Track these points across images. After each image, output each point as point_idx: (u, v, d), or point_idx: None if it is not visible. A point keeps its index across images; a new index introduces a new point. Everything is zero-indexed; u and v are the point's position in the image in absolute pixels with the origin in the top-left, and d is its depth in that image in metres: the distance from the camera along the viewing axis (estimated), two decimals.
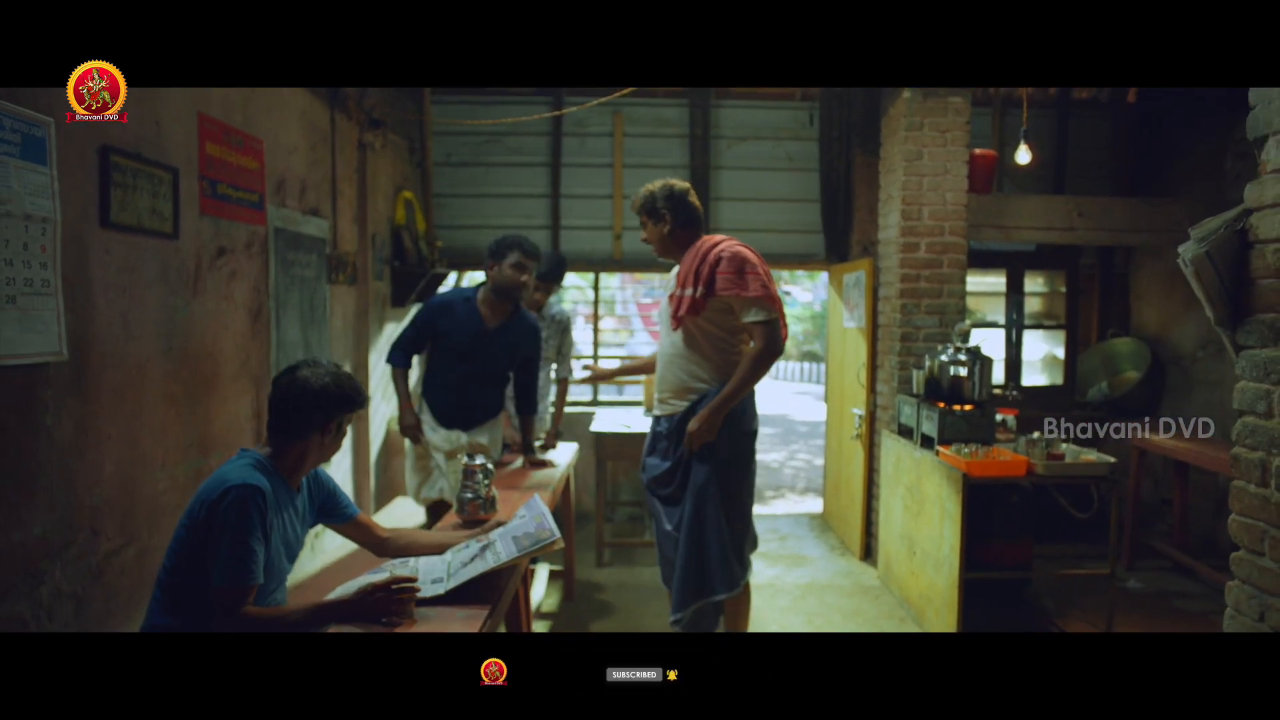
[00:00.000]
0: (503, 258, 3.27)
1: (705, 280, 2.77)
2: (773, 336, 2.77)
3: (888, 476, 4.49)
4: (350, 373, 2.04)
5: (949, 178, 4.51)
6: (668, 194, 2.92)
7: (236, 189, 3.10)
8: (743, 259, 2.78)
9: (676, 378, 2.91)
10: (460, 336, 3.31)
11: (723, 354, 2.86)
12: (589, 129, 5.89)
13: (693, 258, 2.85)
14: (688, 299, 2.81)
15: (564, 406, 4.41)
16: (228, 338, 3.06)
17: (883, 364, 4.83)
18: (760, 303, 2.76)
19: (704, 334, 2.84)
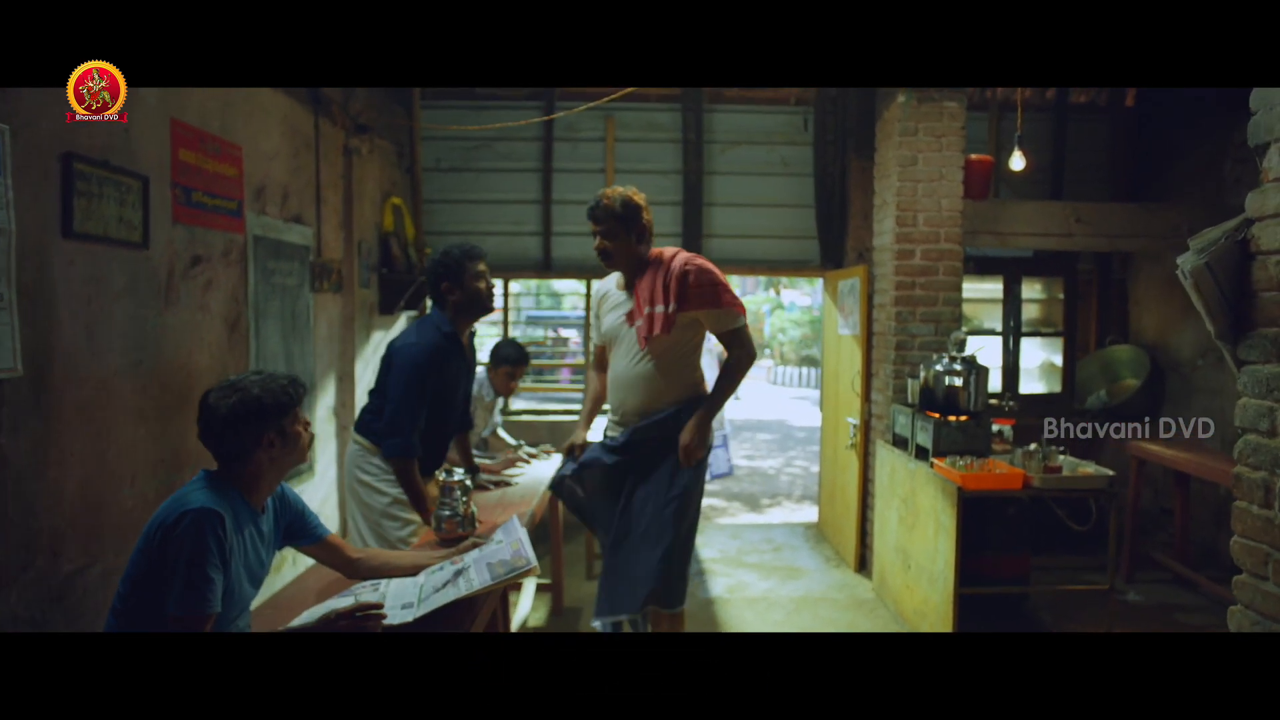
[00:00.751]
0: (461, 275, 2.86)
1: (676, 295, 2.71)
2: (748, 342, 2.84)
3: (882, 487, 4.41)
4: (274, 373, 1.93)
5: (944, 183, 4.44)
6: (636, 208, 2.79)
7: (213, 196, 3.02)
8: (710, 272, 2.78)
9: (640, 400, 2.82)
10: (455, 382, 2.94)
11: (688, 370, 2.85)
12: (580, 134, 5.82)
13: (655, 274, 2.77)
14: (660, 316, 2.72)
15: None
16: (203, 349, 2.99)
17: (877, 372, 4.76)
18: (732, 312, 2.79)
19: (672, 351, 2.78)
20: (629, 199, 2.79)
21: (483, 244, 5.62)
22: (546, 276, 5.97)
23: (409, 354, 2.72)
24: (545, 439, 5.72)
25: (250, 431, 1.86)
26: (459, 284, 2.84)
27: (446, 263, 2.86)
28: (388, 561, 2.18)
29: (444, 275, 2.85)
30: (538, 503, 3.22)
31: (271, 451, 1.89)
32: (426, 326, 2.82)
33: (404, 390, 2.69)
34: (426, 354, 2.73)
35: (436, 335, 2.80)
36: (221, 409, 1.85)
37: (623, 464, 2.83)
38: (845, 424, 5.18)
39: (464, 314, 2.89)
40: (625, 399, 2.86)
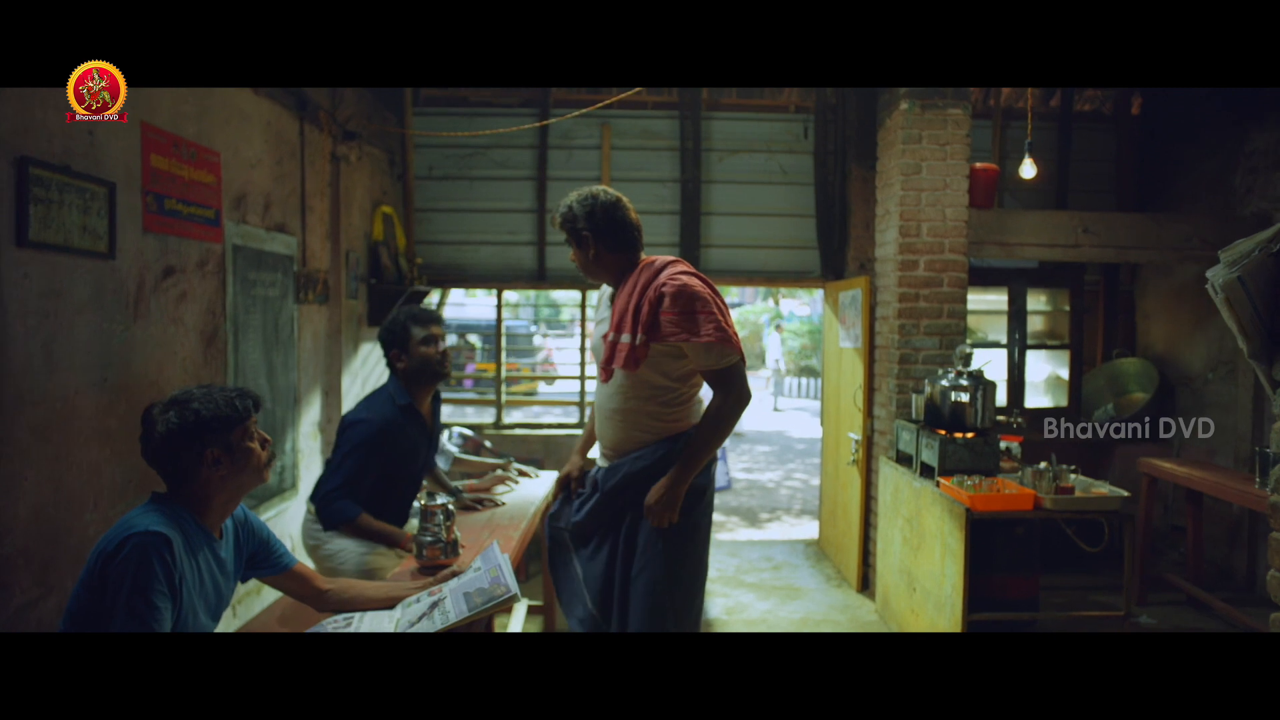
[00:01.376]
0: (407, 341, 2.70)
1: (645, 324, 2.23)
2: (737, 385, 2.26)
3: (886, 506, 4.27)
4: (222, 386, 1.80)
5: (949, 192, 4.31)
6: (589, 210, 2.34)
7: (188, 204, 2.89)
8: (690, 295, 2.21)
9: (615, 435, 2.40)
10: (412, 454, 2.74)
11: (668, 405, 2.34)
12: (575, 141, 5.70)
13: (630, 291, 2.30)
14: (624, 348, 2.26)
15: None
16: (175, 364, 2.85)
17: (880, 387, 4.62)
18: (716, 349, 2.21)
19: (647, 384, 2.31)
20: (573, 203, 2.37)
21: (476, 254, 5.56)
22: (541, 287, 5.85)
23: (358, 431, 2.61)
24: (539, 453, 5.58)
25: (191, 449, 1.73)
26: (406, 351, 2.73)
27: (393, 329, 2.75)
28: (361, 594, 2.04)
29: (391, 343, 2.72)
30: (527, 524, 3.07)
31: (218, 470, 1.75)
32: (380, 399, 2.71)
33: (347, 466, 2.57)
34: (376, 431, 2.60)
35: (390, 409, 2.66)
36: (158, 426, 1.72)
37: (588, 528, 2.43)
38: (847, 439, 5.04)
39: (416, 383, 2.75)
40: (603, 430, 2.46)
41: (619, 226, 2.36)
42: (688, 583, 2.37)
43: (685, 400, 2.38)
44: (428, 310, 2.81)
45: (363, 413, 2.67)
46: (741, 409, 2.30)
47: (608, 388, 2.38)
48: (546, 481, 3.78)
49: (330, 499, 2.56)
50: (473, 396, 7.47)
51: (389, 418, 2.65)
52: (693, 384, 2.38)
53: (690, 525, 2.35)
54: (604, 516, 2.41)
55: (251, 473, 1.82)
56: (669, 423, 2.35)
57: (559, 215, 2.39)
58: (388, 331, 2.75)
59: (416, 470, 2.84)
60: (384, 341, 2.76)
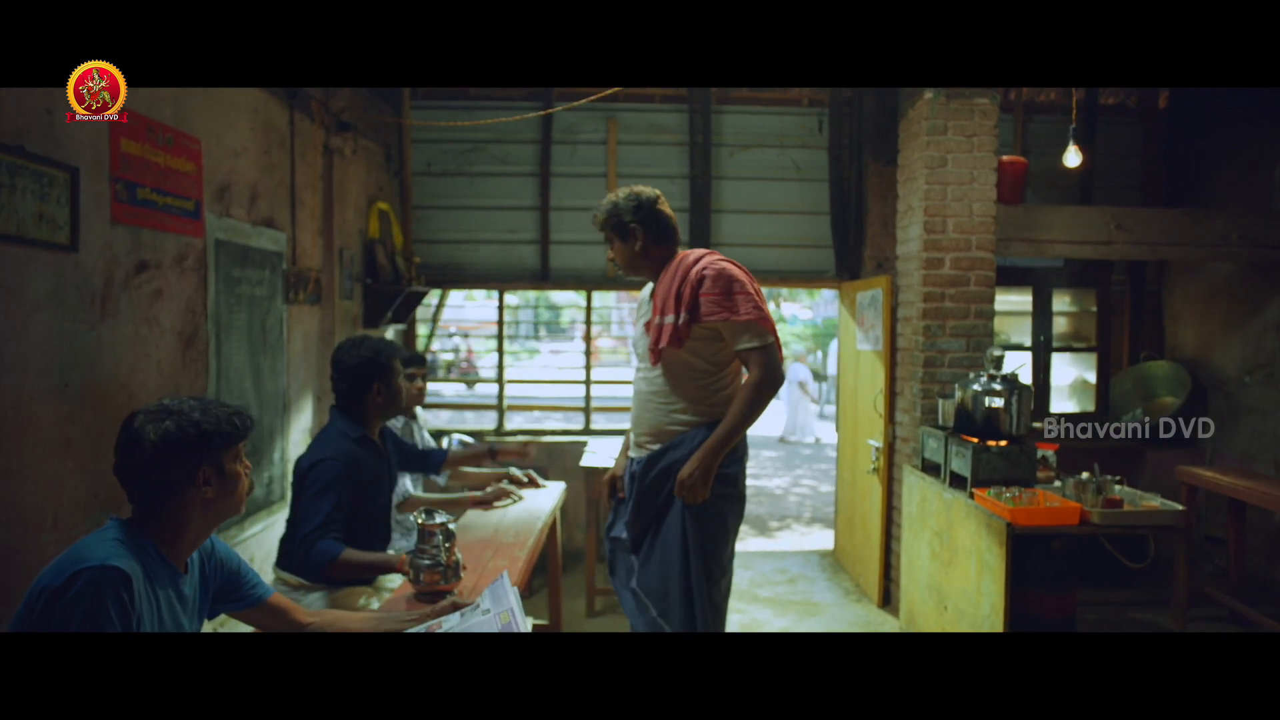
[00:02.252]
0: (392, 377, 2.58)
1: (688, 304, 2.38)
2: (771, 364, 2.38)
3: (911, 517, 4.03)
4: (217, 400, 1.62)
5: (976, 186, 4.09)
6: (635, 205, 2.51)
7: (163, 194, 2.66)
8: (729, 277, 2.39)
9: (654, 419, 2.51)
10: (377, 487, 2.59)
11: (708, 390, 2.46)
12: (580, 136, 5.47)
13: (671, 279, 2.44)
14: (669, 328, 2.40)
15: None
16: (150, 368, 2.61)
17: (903, 391, 4.39)
18: (753, 327, 2.37)
19: (686, 368, 2.45)
20: (619, 200, 2.53)
21: (476, 253, 5.33)
22: (543, 288, 5.61)
23: (325, 470, 2.38)
24: (542, 461, 5.34)
25: (184, 465, 1.51)
26: (389, 385, 2.58)
27: (382, 363, 2.57)
28: (348, 627, 1.81)
29: (377, 376, 2.56)
30: (535, 540, 2.84)
31: (205, 493, 1.54)
32: (332, 437, 2.50)
33: (320, 508, 2.34)
34: (342, 467, 2.40)
35: (346, 444, 2.47)
36: (150, 434, 1.49)
37: (635, 529, 2.54)
38: (865, 446, 4.81)
39: (381, 415, 2.62)
40: (639, 416, 2.57)
41: (664, 219, 2.54)
42: (701, 576, 2.40)
43: (723, 386, 2.47)
44: (401, 346, 2.71)
45: (321, 453, 2.44)
46: (774, 389, 2.39)
47: (649, 374, 2.50)
48: (553, 492, 3.55)
49: (309, 542, 2.32)
50: (473, 401, 7.22)
51: (349, 452, 2.45)
52: (731, 370, 2.48)
53: (715, 512, 2.43)
54: (648, 512, 2.49)
55: (235, 501, 1.62)
56: (708, 407, 2.45)
57: (602, 213, 2.53)
58: (374, 365, 2.54)
59: (385, 502, 2.66)
60: (365, 375, 2.53)
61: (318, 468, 2.38)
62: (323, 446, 2.46)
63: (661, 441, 2.49)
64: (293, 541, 2.42)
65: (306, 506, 2.36)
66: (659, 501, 2.48)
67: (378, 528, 2.61)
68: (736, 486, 2.53)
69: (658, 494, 2.47)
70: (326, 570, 2.32)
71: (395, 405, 2.60)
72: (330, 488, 2.36)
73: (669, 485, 2.44)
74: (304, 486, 2.39)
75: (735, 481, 2.51)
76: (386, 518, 2.67)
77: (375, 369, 2.53)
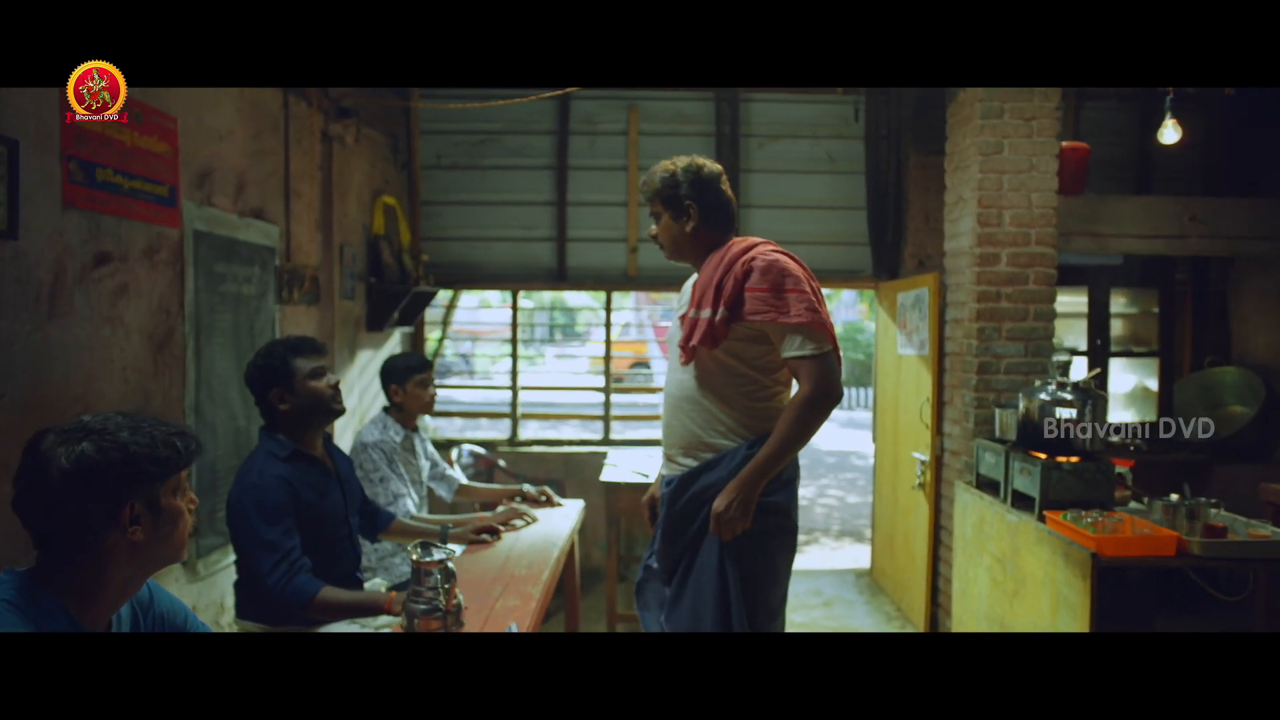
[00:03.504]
0: (290, 377, 2.17)
1: (729, 299, 2.03)
2: (826, 377, 1.99)
3: (965, 540, 3.65)
4: (154, 418, 1.28)
5: (1035, 175, 3.71)
6: (694, 178, 2.14)
7: (130, 177, 2.34)
8: (781, 270, 2.02)
9: (686, 429, 2.14)
10: (327, 508, 2.23)
11: (751, 399, 2.09)
12: (600, 126, 5.13)
13: (714, 268, 2.09)
14: (704, 324, 2.05)
15: None
16: (113, 375, 2.29)
17: (952, 400, 4.01)
18: (806, 331, 1.99)
19: (726, 371, 2.09)
20: (677, 170, 2.15)
21: (488, 251, 4.98)
22: (560, 288, 5.27)
23: (248, 501, 2.04)
24: (558, 473, 5.01)
25: (105, 499, 1.18)
26: (290, 389, 2.16)
27: (270, 364, 2.16)
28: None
29: (270, 381, 2.16)
30: (550, 572, 2.49)
31: (133, 534, 1.21)
32: (259, 461, 2.14)
33: (267, 540, 2.00)
34: (266, 493, 2.04)
35: (274, 466, 2.10)
36: (61, 459, 1.16)
37: (665, 561, 2.20)
38: (909, 460, 4.43)
39: (304, 425, 2.20)
40: (668, 423, 2.21)
41: (724, 201, 2.19)
42: (744, 622, 2.03)
43: (769, 397, 2.11)
44: (308, 339, 2.28)
45: (247, 478, 2.10)
46: (828, 406, 2.01)
47: (681, 375, 2.15)
48: (571, 512, 3.20)
49: (278, 581, 1.98)
50: (486, 409, 6.87)
51: (280, 475, 2.08)
52: (779, 380, 2.12)
53: (761, 548, 2.06)
54: (679, 543, 2.15)
55: (173, 545, 1.28)
56: (751, 420, 2.09)
57: (656, 180, 2.17)
58: (261, 369, 2.16)
59: (340, 526, 2.29)
60: (257, 382, 2.18)
61: (249, 495, 2.04)
62: (249, 471, 2.11)
63: (695, 458, 2.13)
64: (250, 585, 2.08)
65: (250, 541, 2.02)
66: (692, 531, 2.12)
67: (341, 555, 2.26)
68: (788, 518, 2.14)
69: (690, 522, 2.12)
70: (303, 612, 1.98)
71: (315, 408, 2.19)
72: (270, 515, 2.02)
73: (704, 514, 2.08)
74: (239, 520, 2.04)
75: (786, 513, 2.13)
76: (350, 543, 2.32)
77: (268, 374, 2.16)
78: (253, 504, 2.04)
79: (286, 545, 2.02)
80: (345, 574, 2.27)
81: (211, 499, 2.82)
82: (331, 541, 2.21)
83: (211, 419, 2.81)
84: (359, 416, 4.11)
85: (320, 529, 2.17)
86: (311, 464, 2.20)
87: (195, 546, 2.71)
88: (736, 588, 2.04)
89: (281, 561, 2.00)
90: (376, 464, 2.99)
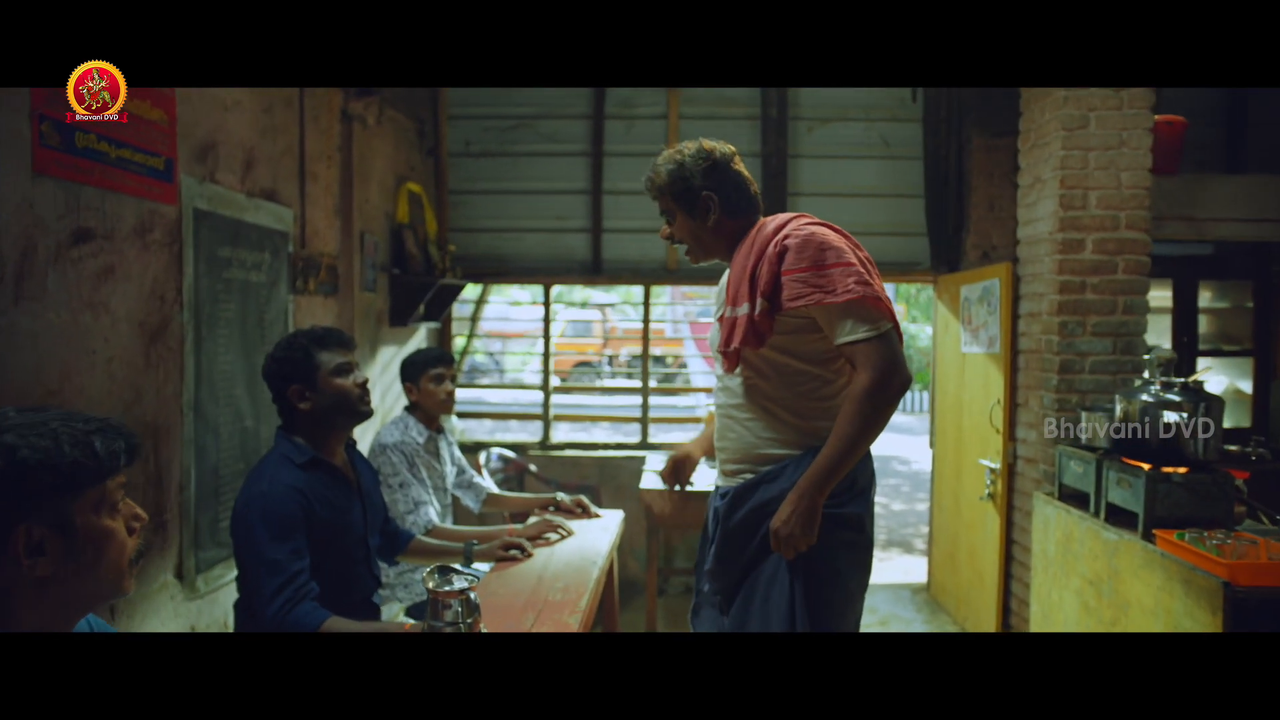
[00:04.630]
0: (313, 373, 1.92)
1: (766, 288, 1.75)
2: (888, 359, 1.69)
3: (1047, 557, 3.27)
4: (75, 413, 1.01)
5: (1126, 152, 3.33)
6: (707, 165, 1.86)
7: (118, 145, 2.07)
8: (820, 243, 1.73)
9: (741, 440, 1.88)
10: (343, 523, 1.95)
11: (810, 399, 1.82)
12: (637, 110, 4.83)
13: (746, 256, 1.82)
14: (743, 321, 1.78)
15: None
16: (94, 369, 2.02)
17: (1027, 402, 3.64)
18: (857, 309, 1.69)
19: (778, 371, 1.81)
20: (676, 160, 1.88)
21: (519, 243, 4.68)
22: (596, 282, 4.97)
23: (255, 511, 1.77)
24: (592, 478, 4.70)
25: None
26: (313, 386, 1.90)
27: (291, 356, 1.91)
28: None
29: (290, 375, 1.90)
30: (590, 595, 2.18)
31: (36, 569, 0.94)
32: (271, 464, 1.87)
33: (267, 561, 1.73)
34: (276, 505, 1.77)
35: (287, 473, 1.83)
36: None
37: (722, 582, 1.93)
38: (975, 467, 4.05)
39: (325, 428, 1.94)
40: (721, 433, 1.95)
41: (743, 183, 1.91)
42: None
43: (832, 394, 1.83)
44: (335, 331, 2.00)
45: (258, 484, 1.81)
46: (895, 395, 1.69)
47: (727, 381, 1.90)
48: (610, 524, 2.89)
49: (279, 609, 1.69)
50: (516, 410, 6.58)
51: (293, 486, 1.81)
52: (838, 370, 1.83)
53: (830, 568, 1.77)
54: (735, 563, 1.86)
55: (106, 576, 1.00)
56: (813, 422, 1.81)
57: (663, 173, 1.88)
58: (281, 362, 1.91)
59: (358, 547, 2.00)
60: (278, 376, 1.91)
61: (256, 505, 1.76)
62: (259, 477, 1.83)
63: (752, 469, 1.86)
64: (250, 608, 1.79)
65: (252, 559, 1.74)
66: (750, 550, 1.84)
67: (353, 580, 1.97)
68: (862, 533, 1.85)
69: (748, 539, 1.84)
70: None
71: (341, 409, 1.92)
72: (278, 530, 1.74)
73: (764, 530, 1.80)
74: (244, 532, 1.76)
75: (859, 525, 1.83)
76: (368, 564, 2.03)
77: (288, 367, 1.89)
78: (260, 516, 1.76)
79: (293, 568, 1.74)
80: (360, 601, 1.98)
81: (214, 506, 2.55)
82: (347, 565, 1.93)
83: (214, 418, 2.53)
84: (380, 418, 3.83)
85: (335, 550, 1.88)
86: (331, 474, 1.92)
87: (194, 560, 2.44)
88: (803, 614, 1.76)
89: (286, 586, 1.72)
90: (396, 468, 2.70)
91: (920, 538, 6.65)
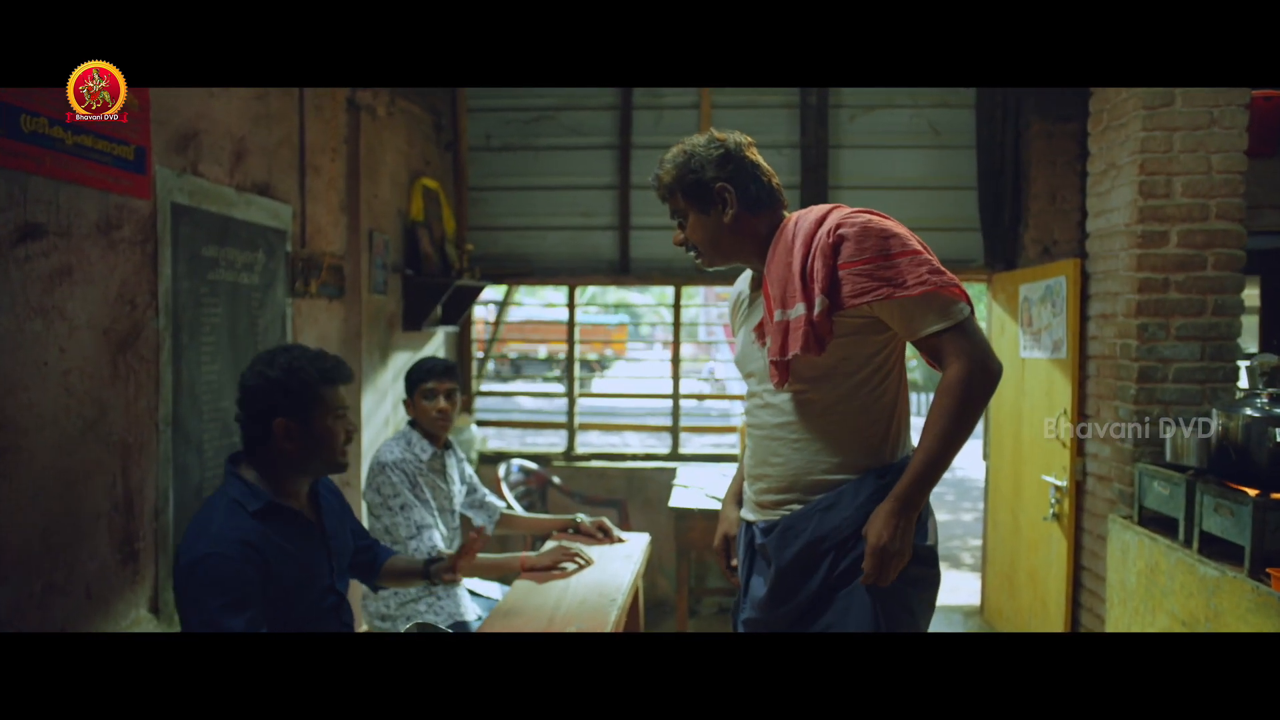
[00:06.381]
0: (309, 408, 1.65)
1: (825, 284, 1.53)
2: (979, 345, 1.50)
3: (1126, 589, 2.91)
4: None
5: (1216, 132, 2.96)
6: (719, 155, 1.64)
7: (76, 130, 1.83)
8: (881, 232, 1.53)
9: (789, 464, 1.64)
10: (308, 571, 1.68)
11: (867, 413, 1.61)
12: (666, 99, 4.54)
13: (787, 253, 1.60)
14: (799, 325, 1.55)
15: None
16: (49, 384, 1.78)
17: (1099, 413, 3.28)
18: (936, 301, 1.50)
19: (837, 380, 1.59)
20: (683, 153, 1.66)
21: (542, 241, 4.41)
22: (624, 283, 4.69)
23: (204, 577, 1.49)
24: (620, 492, 4.42)
25: None
26: (305, 424, 1.64)
27: (290, 384, 1.63)
28: None
29: (281, 405, 1.62)
30: (616, 617, 1.90)
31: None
32: (220, 516, 1.58)
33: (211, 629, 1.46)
34: (228, 568, 1.50)
35: (241, 524, 1.56)
36: None
37: (773, 625, 1.68)
38: (1038, 484, 3.69)
39: (297, 470, 1.67)
40: (761, 460, 1.70)
41: (762, 174, 1.68)
42: None
43: (886, 406, 1.62)
44: (344, 365, 1.73)
45: (201, 544, 1.52)
46: (992, 383, 1.50)
47: (772, 397, 1.66)
48: (634, 550, 2.61)
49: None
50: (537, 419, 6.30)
51: (245, 539, 1.52)
52: (894, 378, 1.63)
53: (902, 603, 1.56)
54: (791, 603, 1.63)
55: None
56: (870, 441, 1.61)
57: (670, 169, 1.67)
58: (272, 385, 1.62)
59: (324, 596, 1.73)
60: (264, 399, 1.63)
61: (203, 568, 1.48)
62: (203, 530, 1.55)
63: (801, 498, 1.62)
64: None
65: (202, 631, 1.47)
66: (812, 588, 1.61)
67: (331, 608, 1.71)
68: (934, 567, 1.63)
69: (808, 576, 1.61)
70: None
71: (320, 454, 1.67)
72: (234, 598, 1.47)
73: (826, 563, 1.59)
74: (191, 600, 1.50)
75: (933, 560, 1.62)
76: (331, 614, 1.74)
77: (283, 395, 1.62)
78: (210, 582, 1.49)
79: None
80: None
81: None
82: (313, 616, 1.66)
83: (196, 434, 2.30)
84: (392, 430, 3.59)
85: (299, 604, 1.62)
86: (290, 520, 1.65)
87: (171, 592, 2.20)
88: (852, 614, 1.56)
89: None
90: (396, 488, 2.44)
91: (968, 551, 6.27)
